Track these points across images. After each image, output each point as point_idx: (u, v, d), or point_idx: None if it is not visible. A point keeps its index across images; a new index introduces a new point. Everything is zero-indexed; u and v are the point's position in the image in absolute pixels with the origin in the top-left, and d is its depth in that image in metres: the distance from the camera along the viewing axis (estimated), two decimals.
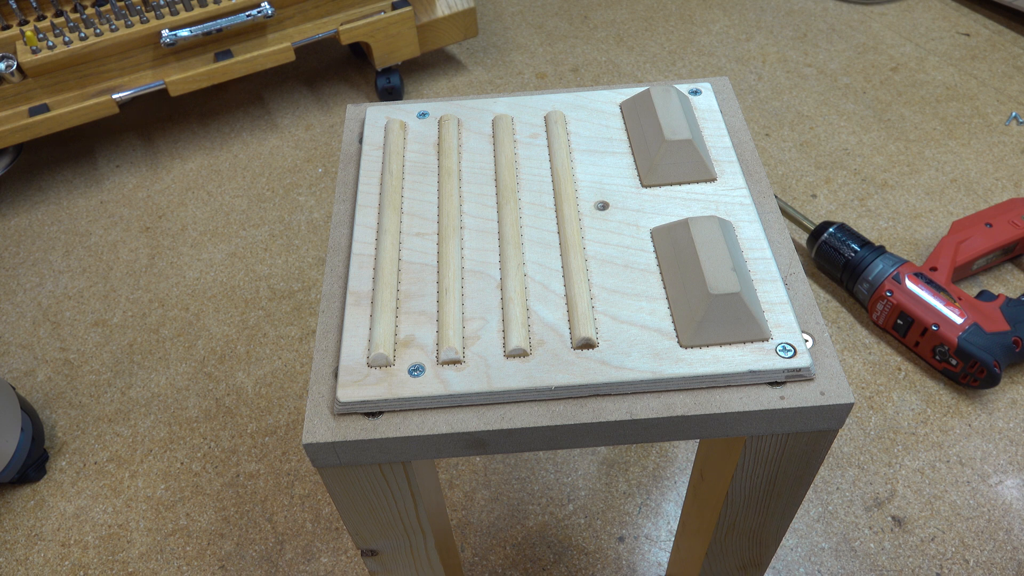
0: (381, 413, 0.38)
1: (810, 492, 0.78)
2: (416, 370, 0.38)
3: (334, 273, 0.43)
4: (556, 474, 0.80)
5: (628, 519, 0.77)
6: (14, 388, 0.84)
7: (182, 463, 0.84)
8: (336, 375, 0.39)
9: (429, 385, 0.37)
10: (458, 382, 0.37)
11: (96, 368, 0.93)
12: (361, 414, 0.38)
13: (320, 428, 0.37)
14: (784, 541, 0.75)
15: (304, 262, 1.03)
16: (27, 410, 0.83)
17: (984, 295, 0.86)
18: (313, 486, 0.81)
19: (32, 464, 0.82)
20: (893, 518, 0.76)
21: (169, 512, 0.80)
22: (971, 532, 0.75)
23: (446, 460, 0.82)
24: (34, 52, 0.99)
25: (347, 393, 0.37)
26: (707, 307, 0.37)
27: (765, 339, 0.38)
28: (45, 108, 1.03)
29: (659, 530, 0.76)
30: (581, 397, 0.38)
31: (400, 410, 0.38)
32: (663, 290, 0.40)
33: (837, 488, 0.78)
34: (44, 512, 0.81)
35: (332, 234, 0.45)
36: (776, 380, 0.37)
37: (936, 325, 0.82)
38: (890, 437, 0.81)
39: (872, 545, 0.74)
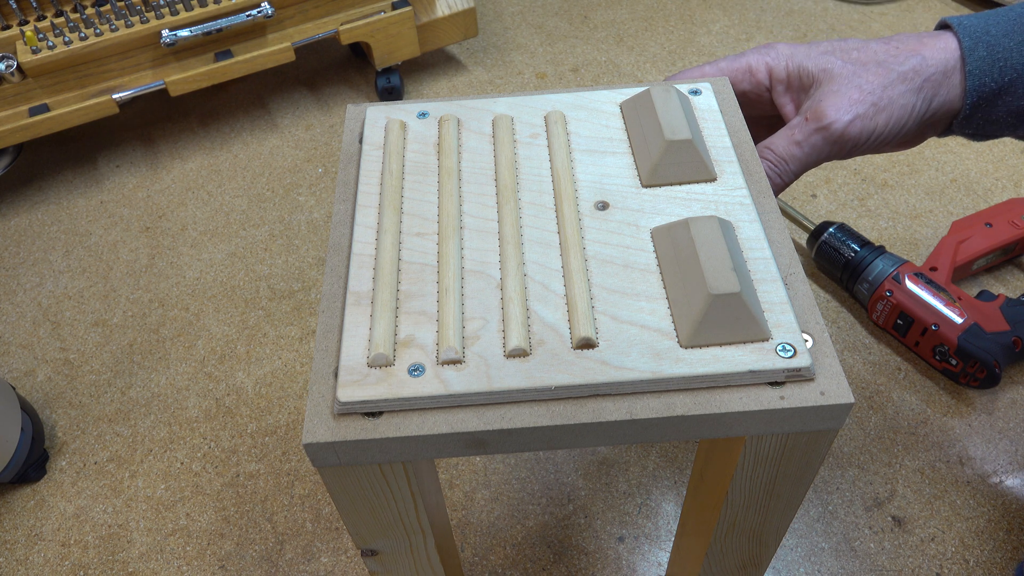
0: (381, 413, 0.37)
1: (810, 492, 0.78)
2: (416, 370, 0.38)
3: (334, 273, 0.43)
4: (556, 474, 0.80)
5: (628, 519, 0.77)
6: (14, 388, 0.84)
7: (182, 463, 0.84)
8: (336, 375, 0.38)
9: (429, 385, 0.37)
10: (458, 382, 0.37)
11: (96, 368, 0.93)
12: (361, 414, 0.38)
13: (320, 428, 0.37)
14: (784, 541, 0.75)
15: (304, 262, 1.03)
16: (27, 410, 0.83)
17: (984, 295, 0.86)
18: (313, 486, 0.81)
19: (32, 464, 0.82)
20: (893, 518, 0.76)
21: (169, 512, 0.80)
22: (971, 532, 0.75)
23: (446, 460, 0.82)
24: (34, 52, 0.99)
25: (347, 393, 0.37)
26: (707, 307, 0.37)
27: (765, 339, 0.38)
28: (45, 108, 1.03)
29: (659, 530, 0.76)
30: (581, 397, 0.37)
31: (400, 410, 0.37)
32: (663, 290, 0.40)
33: (837, 488, 0.78)
34: (44, 512, 0.81)
35: (332, 234, 0.45)
36: (776, 380, 0.37)
37: (936, 325, 0.82)
38: (890, 437, 0.81)
39: (872, 545, 0.74)
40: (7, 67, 0.99)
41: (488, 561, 0.75)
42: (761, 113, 0.56)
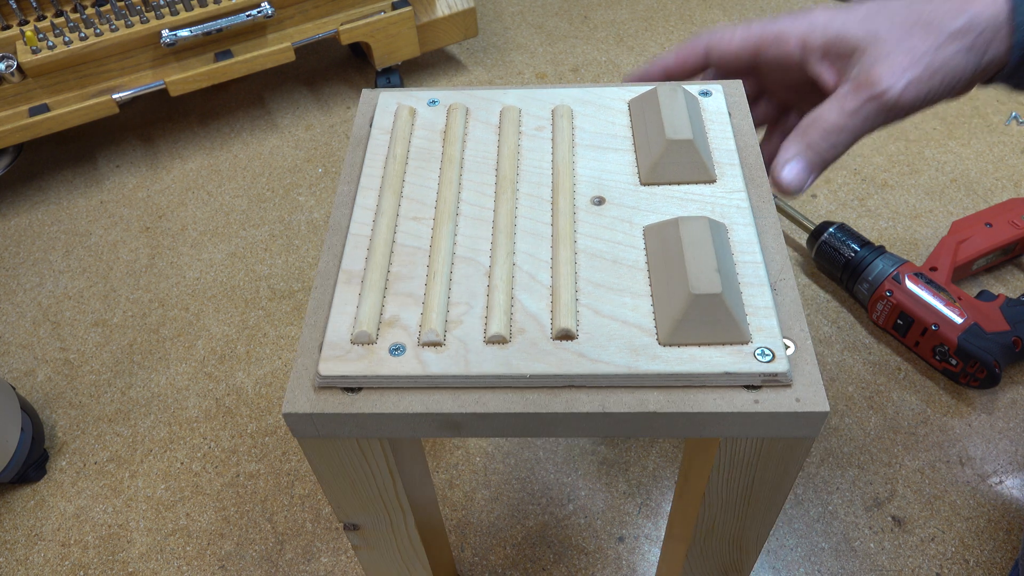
0: (360, 389, 0.38)
1: (810, 492, 0.78)
2: (397, 349, 0.38)
3: (331, 251, 0.44)
4: (556, 474, 0.80)
5: (628, 519, 0.77)
6: (14, 388, 0.84)
7: (182, 463, 0.84)
8: (320, 349, 0.39)
9: (408, 365, 0.38)
10: (436, 364, 0.38)
11: (96, 368, 0.93)
12: (341, 389, 0.38)
13: (300, 399, 0.38)
14: (784, 541, 0.75)
15: (304, 262, 1.03)
16: (27, 410, 0.83)
17: (984, 295, 0.86)
18: (313, 486, 0.81)
19: (32, 464, 0.82)
20: (893, 518, 0.76)
21: (169, 512, 0.80)
22: (971, 532, 0.74)
23: (446, 459, 0.82)
24: (34, 52, 0.99)
25: (328, 367, 0.38)
26: (687, 306, 0.37)
27: (744, 342, 0.38)
28: (45, 108, 1.03)
29: (659, 530, 0.76)
30: (556, 387, 0.38)
31: (378, 387, 0.38)
32: (648, 287, 0.40)
33: (837, 488, 0.78)
34: (44, 512, 0.81)
35: (333, 214, 0.46)
36: (752, 384, 0.37)
37: (936, 325, 0.82)
38: (890, 437, 0.81)
39: (872, 545, 0.74)
40: (7, 67, 1.00)
41: (488, 561, 0.75)
42: (789, 80, 0.54)
